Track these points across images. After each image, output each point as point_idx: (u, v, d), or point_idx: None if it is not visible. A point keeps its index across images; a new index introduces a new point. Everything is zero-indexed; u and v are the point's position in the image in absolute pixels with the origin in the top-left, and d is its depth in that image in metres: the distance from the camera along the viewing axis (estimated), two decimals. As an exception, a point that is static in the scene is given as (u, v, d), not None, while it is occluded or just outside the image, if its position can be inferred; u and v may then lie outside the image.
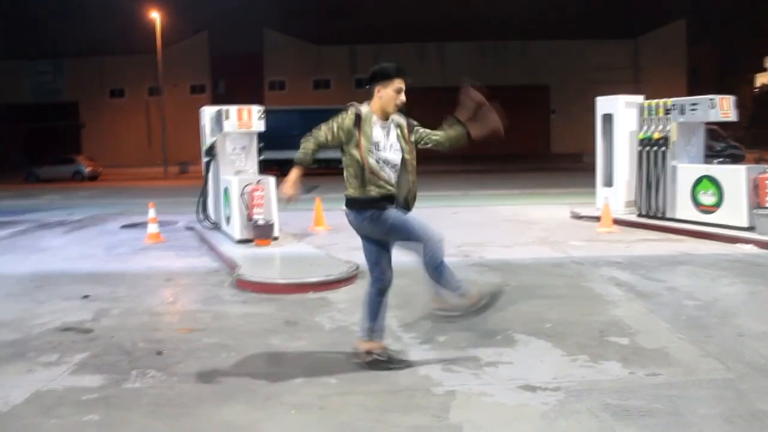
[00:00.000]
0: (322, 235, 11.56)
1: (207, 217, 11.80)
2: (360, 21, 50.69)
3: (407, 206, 4.77)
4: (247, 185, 9.84)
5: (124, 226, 13.76)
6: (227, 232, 10.62)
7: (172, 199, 20.79)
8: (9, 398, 4.44)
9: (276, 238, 9.89)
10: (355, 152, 4.57)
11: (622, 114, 12.55)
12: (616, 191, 12.66)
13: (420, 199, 4.89)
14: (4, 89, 51.74)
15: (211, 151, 11.22)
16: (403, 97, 4.63)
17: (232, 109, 10.28)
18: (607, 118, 12.96)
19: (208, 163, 11.49)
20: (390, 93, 4.58)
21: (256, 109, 10.33)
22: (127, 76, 53.50)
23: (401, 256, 8.94)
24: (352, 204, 4.68)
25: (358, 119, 4.57)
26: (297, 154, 4.57)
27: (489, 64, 53.14)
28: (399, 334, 5.70)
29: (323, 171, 27.02)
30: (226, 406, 4.27)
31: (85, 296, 7.41)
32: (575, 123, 52.13)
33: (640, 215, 11.94)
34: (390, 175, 4.66)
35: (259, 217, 9.69)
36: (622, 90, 15.04)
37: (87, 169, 39.62)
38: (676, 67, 51.77)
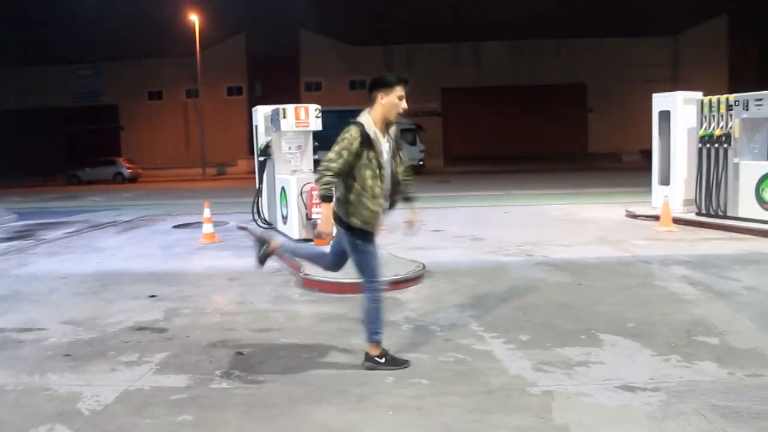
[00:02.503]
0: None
1: (261, 216, 11.78)
2: (395, 21, 50.50)
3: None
4: (306, 184, 9.79)
5: (176, 226, 13.83)
6: (284, 231, 10.58)
7: (214, 199, 20.78)
8: (100, 397, 4.42)
9: (334, 238, 9.80)
10: (367, 172, 4.60)
11: (680, 111, 12.30)
12: (673, 189, 12.40)
13: (465, 198, 4.84)
14: (45, 93, 52.47)
15: (266, 150, 11.19)
16: (405, 104, 4.66)
17: (290, 107, 10.25)
18: (664, 115, 12.71)
19: (262, 163, 11.46)
20: (393, 100, 4.61)
21: (313, 108, 10.30)
22: (164, 79, 53.94)
23: (462, 256, 8.88)
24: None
25: (367, 139, 4.55)
26: (321, 191, 4.53)
27: (524, 63, 52.74)
28: (480, 333, 5.59)
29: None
30: (320, 406, 4.19)
31: (152, 296, 7.42)
32: (613, 122, 51.53)
33: (699, 214, 11.66)
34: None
35: (318, 217, 9.61)
36: (660, 88, 14.78)
37: (127, 171, 40.15)
38: (716, 64, 50.76)
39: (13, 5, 47.54)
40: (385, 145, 4.67)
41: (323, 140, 10.57)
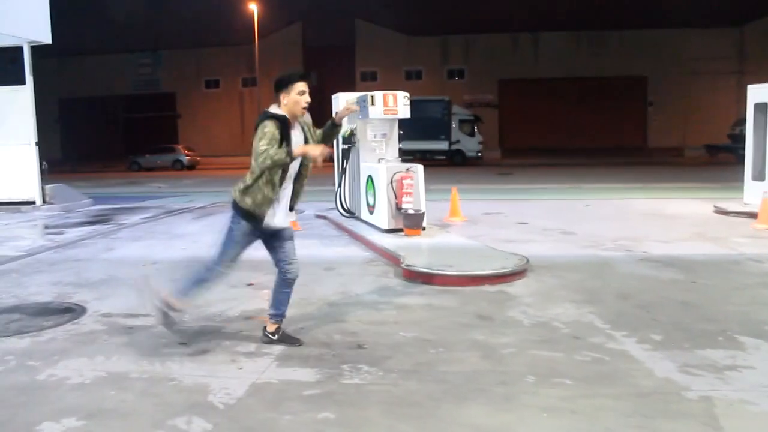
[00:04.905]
0: (463, 226, 11.27)
1: (343, 205, 11.64)
2: (452, 11, 49.97)
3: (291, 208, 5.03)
4: (396, 173, 9.59)
5: (251, 214, 13.75)
6: (369, 221, 10.40)
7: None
8: (229, 390, 4.27)
9: (424, 228, 9.61)
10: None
11: (778, 102, 11.78)
12: (769, 185, 11.87)
13: (536, 191, 4.57)
14: (106, 81, 53.46)
15: (350, 138, 11.00)
16: (307, 98, 4.77)
17: (378, 94, 10.04)
18: (761, 108, 12.17)
19: (346, 151, 11.28)
20: (294, 97, 4.73)
21: (402, 95, 10.05)
22: (221, 68, 54.46)
23: (557, 250, 8.58)
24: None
25: (284, 126, 4.63)
26: (278, 160, 4.50)
27: (584, 54, 51.73)
28: (609, 331, 5.31)
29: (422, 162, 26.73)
30: (465, 406, 3.98)
31: (250, 284, 7.32)
32: (673, 116, 50.25)
33: (797, 211, 11.13)
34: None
35: (409, 207, 9.43)
36: (725, 81, 14.22)
37: (186, 159, 40.56)
38: (785, 56, 49.13)
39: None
40: (297, 138, 4.78)
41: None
